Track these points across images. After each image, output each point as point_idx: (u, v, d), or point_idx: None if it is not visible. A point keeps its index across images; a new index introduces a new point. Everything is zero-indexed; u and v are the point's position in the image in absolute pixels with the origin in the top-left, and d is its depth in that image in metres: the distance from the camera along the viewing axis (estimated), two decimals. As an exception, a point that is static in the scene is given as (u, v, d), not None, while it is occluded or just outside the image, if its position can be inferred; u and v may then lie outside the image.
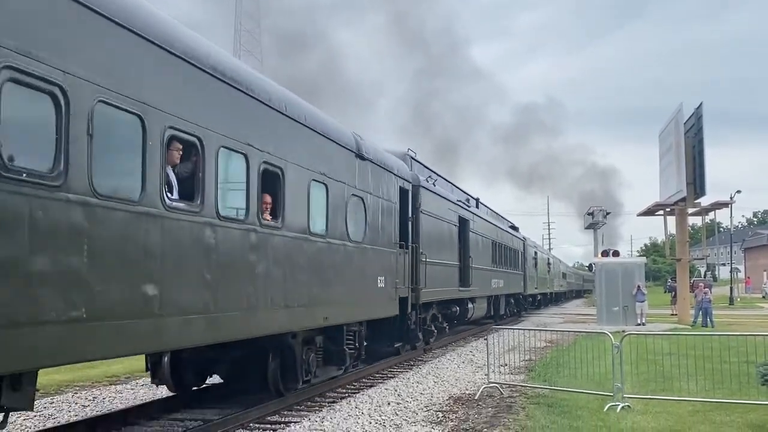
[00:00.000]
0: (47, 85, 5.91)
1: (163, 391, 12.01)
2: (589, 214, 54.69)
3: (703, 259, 43.90)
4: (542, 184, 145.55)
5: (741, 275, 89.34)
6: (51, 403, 11.58)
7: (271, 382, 11.31)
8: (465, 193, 27.68)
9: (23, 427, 9.94)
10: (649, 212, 34.95)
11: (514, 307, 36.62)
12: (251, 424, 10.27)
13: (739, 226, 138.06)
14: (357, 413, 10.81)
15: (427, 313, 19.31)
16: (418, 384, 13.98)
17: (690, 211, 32.79)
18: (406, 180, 16.78)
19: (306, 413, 11.21)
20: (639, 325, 28.19)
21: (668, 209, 33.26)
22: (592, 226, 54.76)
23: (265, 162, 9.57)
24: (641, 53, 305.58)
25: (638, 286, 29.43)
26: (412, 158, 19.15)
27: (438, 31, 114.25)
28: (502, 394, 12.48)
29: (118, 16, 6.82)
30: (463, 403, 11.79)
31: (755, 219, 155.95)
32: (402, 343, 17.72)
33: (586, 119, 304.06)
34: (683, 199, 30.94)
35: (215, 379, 12.59)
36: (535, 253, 45.74)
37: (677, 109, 31.51)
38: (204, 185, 8.16)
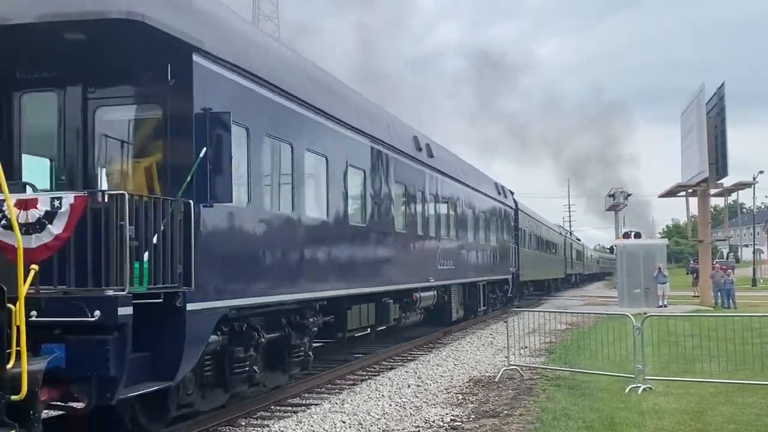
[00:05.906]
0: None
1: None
2: (610, 195, 54.17)
3: (725, 240, 43.44)
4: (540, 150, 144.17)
5: (764, 256, 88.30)
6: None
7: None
8: (566, 229, 60.21)
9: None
10: (671, 193, 34.60)
11: (579, 280, 69.30)
12: (272, 407, 10.35)
13: (762, 206, 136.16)
14: (377, 395, 10.86)
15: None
16: (438, 366, 14.02)
17: (712, 191, 32.39)
18: (562, 235, 54.02)
19: (327, 395, 11.29)
20: (660, 306, 28.02)
21: (690, 190, 32.87)
22: (613, 208, 54.25)
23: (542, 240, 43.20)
24: (656, 32, 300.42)
25: (659, 268, 29.25)
26: (561, 226, 57.40)
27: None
28: (522, 376, 12.49)
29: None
30: (483, 386, 11.81)
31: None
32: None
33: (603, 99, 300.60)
34: (705, 180, 30.58)
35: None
36: (586, 250, 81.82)
37: (699, 88, 31.06)
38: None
